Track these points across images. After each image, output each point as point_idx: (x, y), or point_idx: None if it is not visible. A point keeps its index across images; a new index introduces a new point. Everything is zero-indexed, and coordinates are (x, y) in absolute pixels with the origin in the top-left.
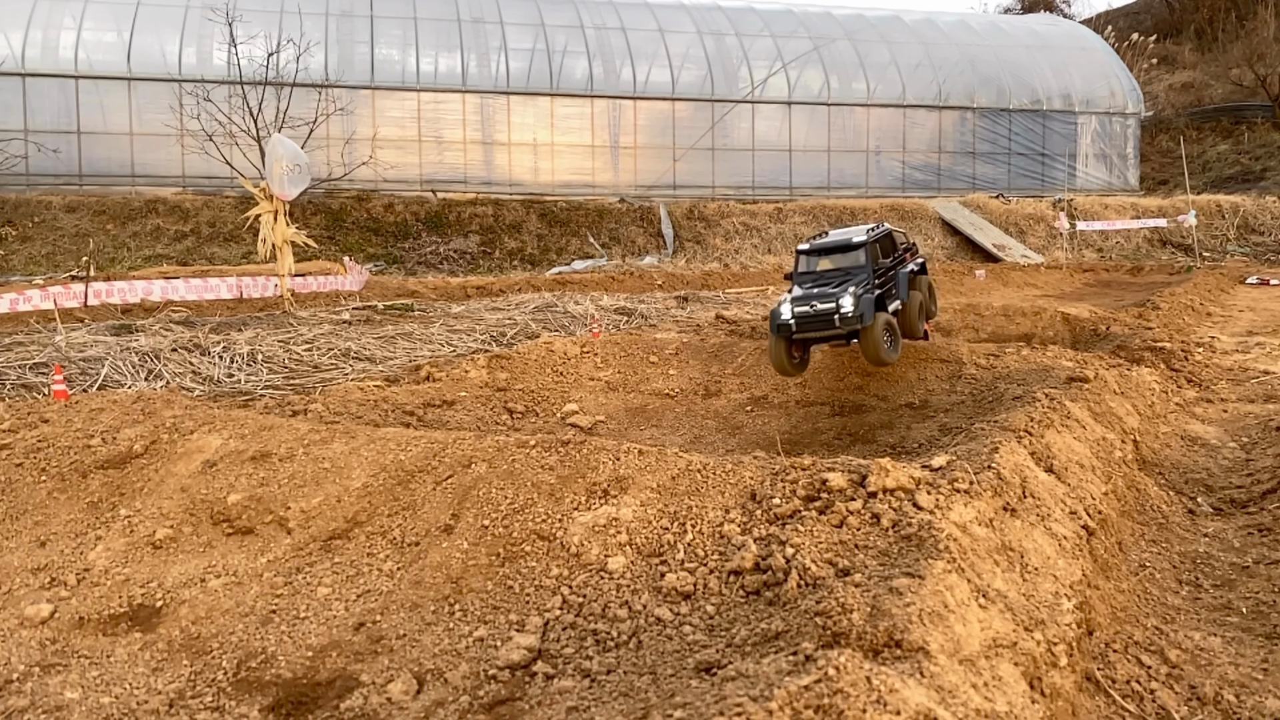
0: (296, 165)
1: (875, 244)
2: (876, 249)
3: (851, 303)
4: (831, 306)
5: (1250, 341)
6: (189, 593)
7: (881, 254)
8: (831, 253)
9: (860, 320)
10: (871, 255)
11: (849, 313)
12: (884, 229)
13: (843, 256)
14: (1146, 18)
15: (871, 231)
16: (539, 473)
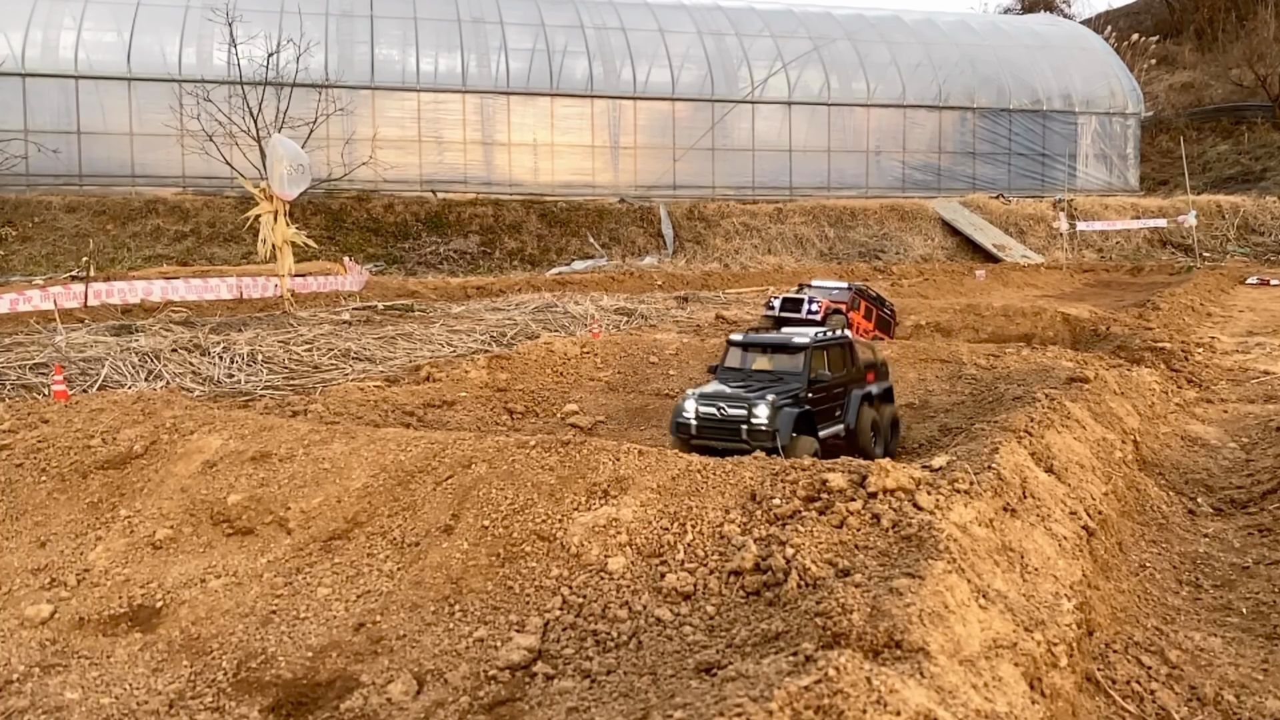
0: (297, 166)
1: (824, 350)
2: (825, 356)
3: (766, 413)
4: (742, 413)
5: (1250, 342)
6: (189, 593)
7: (831, 364)
8: (768, 350)
9: (773, 439)
10: (814, 362)
11: (761, 424)
12: (840, 336)
13: (781, 358)
14: (1146, 18)
15: (825, 332)
16: (539, 473)
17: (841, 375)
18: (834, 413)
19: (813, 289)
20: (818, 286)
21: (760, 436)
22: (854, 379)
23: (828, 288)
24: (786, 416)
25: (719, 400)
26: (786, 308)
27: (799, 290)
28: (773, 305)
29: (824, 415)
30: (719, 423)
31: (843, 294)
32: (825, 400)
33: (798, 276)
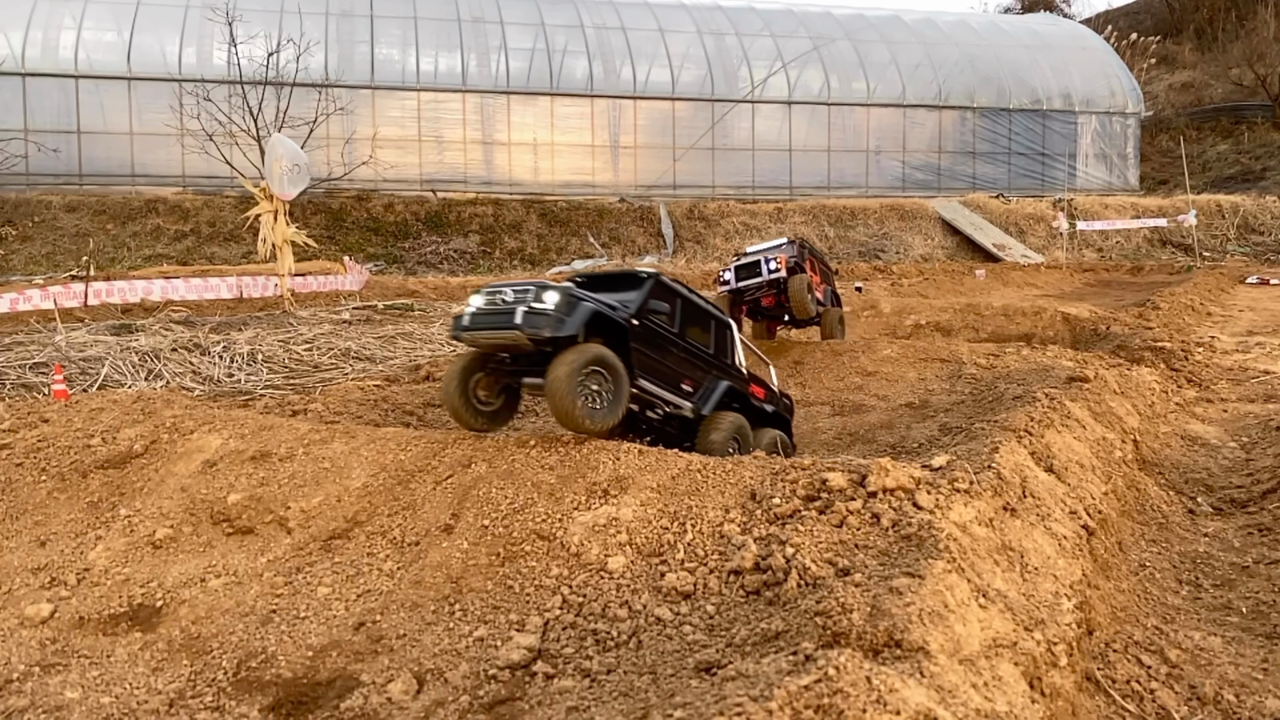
0: (295, 165)
1: (678, 298)
2: (680, 305)
3: (556, 298)
4: (526, 296)
5: (1250, 341)
6: (189, 593)
7: (686, 317)
8: (612, 285)
9: (555, 325)
10: (659, 296)
11: (544, 308)
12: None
13: (622, 293)
14: (1146, 17)
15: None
16: (539, 472)
17: (704, 348)
18: (676, 380)
19: (750, 254)
20: (754, 251)
21: (539, 321)
22: (725, 368)
23: (767, 248)
24: (582, 311)
25: (504, 288)
26: (744, 275)
27: (738, 258)
28: (726, 279)
29: (654, 369)
30: (494, 312)
31: (789, 249)
32: (665, 353)
33: None
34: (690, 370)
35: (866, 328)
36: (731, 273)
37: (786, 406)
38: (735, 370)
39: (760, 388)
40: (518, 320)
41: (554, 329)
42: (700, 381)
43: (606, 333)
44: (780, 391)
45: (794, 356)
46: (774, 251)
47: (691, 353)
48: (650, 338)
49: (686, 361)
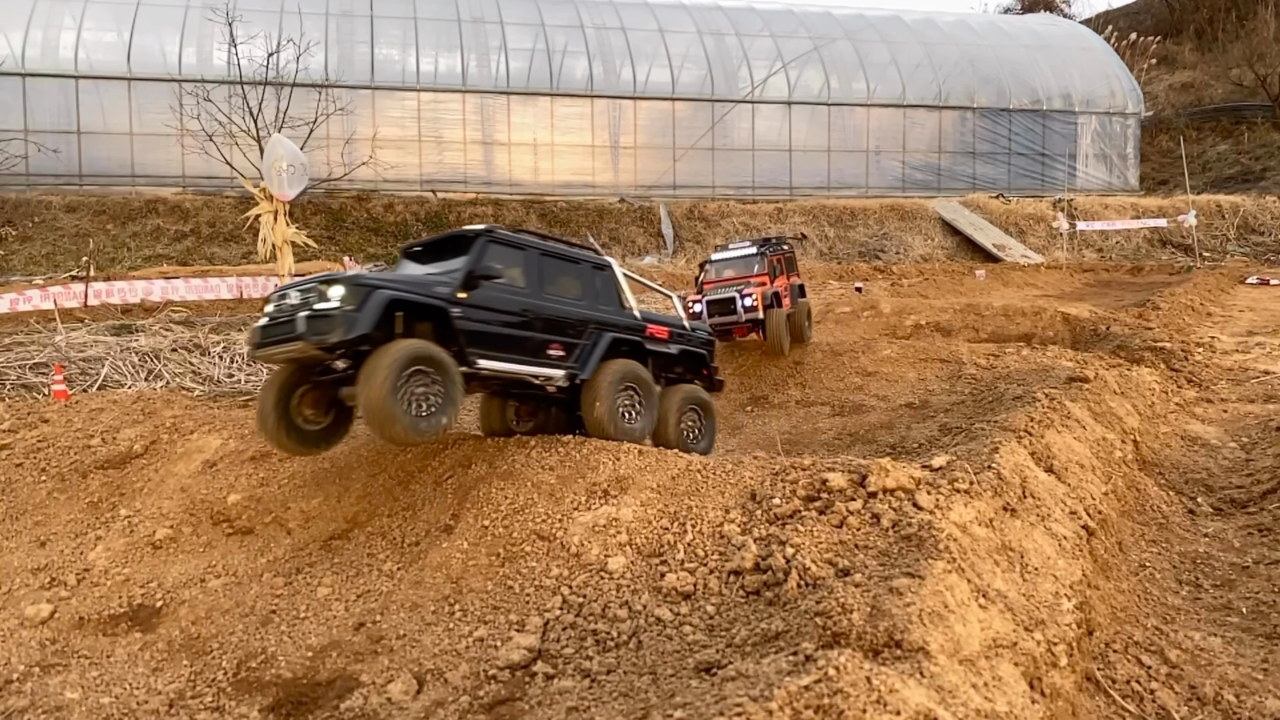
0: (291, 165)
1: (521, 249)
2: (526, 258)
3: (342, 292)
4: (309, 298)
5: (1250, 341)
6: (189, 593)
7: (538, 273)
8: (438, 252)
9: (346, 327)
10: (491, 259)
11: (328, 309)
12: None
13: (448, 260)
14: (1146, 18)
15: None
16: (539, 473)
17: (573, 300)
18: (538, 348)
19: (715, 263)
20: (721, 260)
21: (324, 326)
22: (605, 318)
23: (733, 258)
24: (375, 302)
25: (291, 289)
26: (717, 310)
27: (703, 269)
28: (698, 312)
29: (503, 343)
30: (280, 322)
31: (755, 263)
32: (516, 320)
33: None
34: (557, 331)
35: (866, 328)
36: (703, 306)
37: (703, 340)
38: (621, 316)
39: (662, 327)
40: (300, 329)
41: (343, 331)
42: (573, 341)
43: (423, 318)
44: (691, 326)
45: (794, 357)
46: (746, 262)
47: (556, 311)
48: (489, 308)
49: (550, 323)
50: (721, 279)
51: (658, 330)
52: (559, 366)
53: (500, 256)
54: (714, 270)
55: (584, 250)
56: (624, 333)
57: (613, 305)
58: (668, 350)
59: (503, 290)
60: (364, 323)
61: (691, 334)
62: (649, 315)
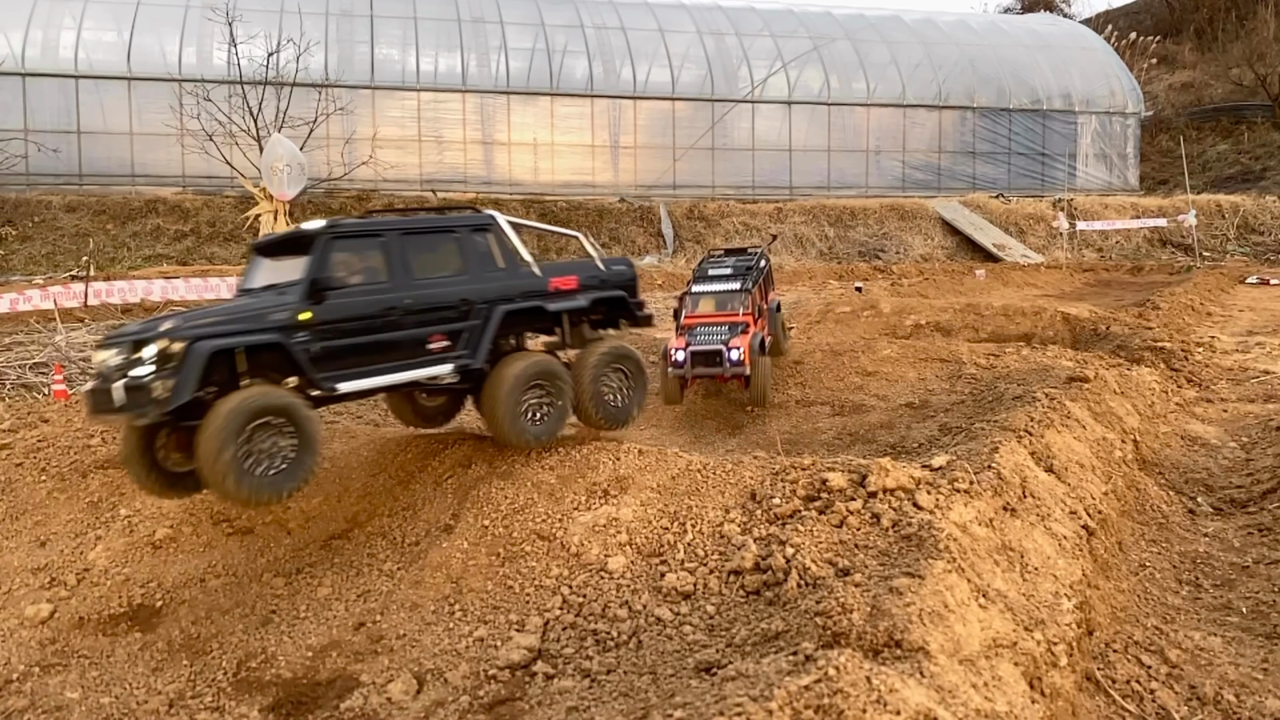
0: (289, 165)
1: (373, 237)
2: (381, 247)
3: (154, 356)
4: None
5: (1250, 341)
6: (189, 593)
7: (399, 260)
8: (282, 251)
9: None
10: (337, 259)
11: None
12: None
13: (291, 259)
14: (1146, 17)
15: None
16: (539, 472)
17: (450, 279)
18: (413, 348)
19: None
20: (702, 293)
21: (140, 400)
22: (494, 289)
23: (716, 292)
24: (195, 359)
25: (112, 345)
26: (702, 362)
27: (682, 302)
28: (679, 360)
29: (366, 355)
30: (101, 390)
31: (739, 301)
32: (380, 323)
33: (797, 276)
34: (435, 320)
35: (866, 328)
36: (685, 355)
37: (623, 278)
38: (516, 278)
39: (568, 277)
40: (118, 402)
41: (163, 403)
42: (458, 326)
43: (261, 352)
44: (608, 262)
45: (793, 356)
46: (729, 298)
47: (430, 297)
48: (343, 319)
49: (425, 313)
50: (703, 315)
51: (564, 282)
52: (444, 360)
53: (350, 254)
54: (692, 303)
55: (460, 213)
56: (522, 298)
57: (504, 269)
58: (579, 304)
59: (358, 293)
60: (185, 388)
61: (608, 273)
62: (553, 266)
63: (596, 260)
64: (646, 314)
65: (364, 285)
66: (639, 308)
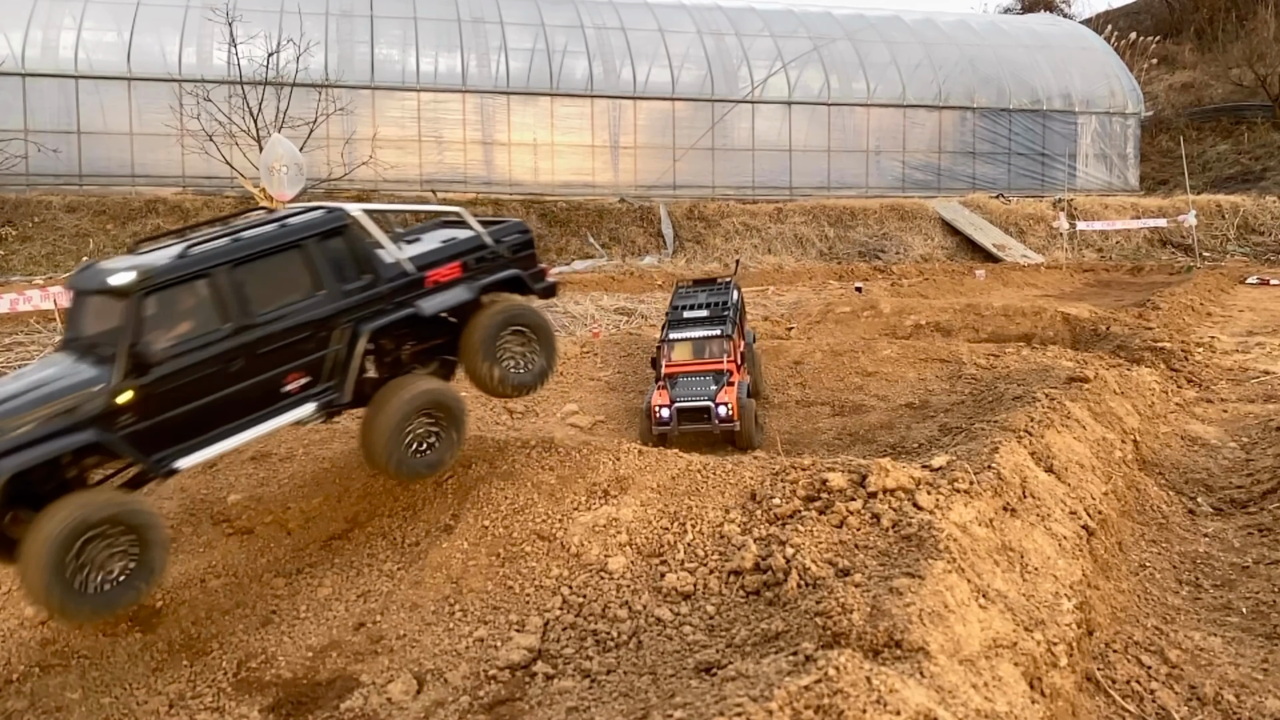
0: (287, 166)
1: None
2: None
3: None
4: None
5: (1250, 341)
6: (189, 593)
7: (258, 281)
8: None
9: None
10: (166, 304)
11: None
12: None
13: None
14: (1146, 18)
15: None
16: (539, 473)
17: (302, 304)
18: (268, 392)
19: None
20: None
21: None
22: (356, 302)
23: (696, 338)
24: None
25: None
26: (688, 419)
27: (660, 350)
28: (664, 418)
29: (212, 414)
30: None
31: (720, 347)
32: (224, 375)
33: (797, 276)
34: (288, 357)
35: (866, 328)
36: (670, 411)
37: (515, 248)
38: (385, 281)
39: (450, 265)
40: None
41: None
42: (318, 356)
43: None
44: (496, 231)
45: (794, 356)
46: (710, 344)
47: (279, 330)
48: (173, 386)
49: (273, 354)
50: (684, 364)
51: (444, 274)
52: (305, 400)
53: (171, 306)
54: (671, 351)
55: (304, 218)
56: (393, 305)
57: (368, 273)
58: (463, 298)
59: (188, 349)
60: None
61: (497, 246)
62: (430, 256)
63: (482, 234)
64: (548, 284)
65: (194, 337)
66: (538, 278)
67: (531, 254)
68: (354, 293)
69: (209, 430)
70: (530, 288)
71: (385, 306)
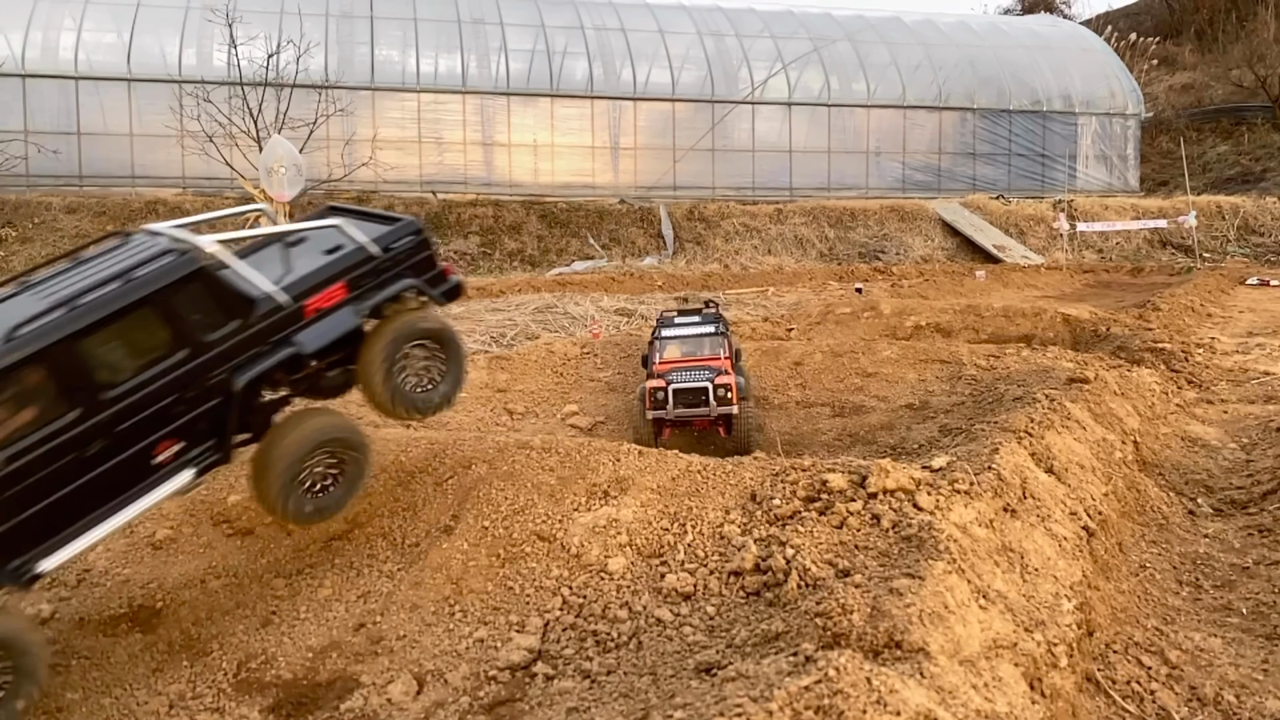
0: (283, 168)
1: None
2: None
3: None
4: None
5: (1250, 342)
6: (189, 593)
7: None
8: None
9: None
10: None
11: None
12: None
13: None
14: (1146, 19)
15: None
16: (539, 474)
17: (165, 362)
18: (139, 465)
19: (664, 340)
20: (672, 338)
21: None
22: (233, 347)
23: (687, 335)
24: None
25: None
26: (685, 402)
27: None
28: (661, 399)
29: (76, 507)
30: None
31: (716, 344)
32: (71, 470)
33: (797, 277)
34: (154, 428)
35: (867, 329)
36: (669, 396)
37: (409, 251)
38: (255, 322)
39: (334, 286)
40: None
41: None
42: (189, 419)
43: None
44: (383, 237)
45: (794, 357)
46: (703, 342)
47: (139, 402)
48: (19, 486)
49: (135, 428)
50: (674, 360)
51: (325, 299)
52: (182, 467)
53: (13, 401)
54: (664, 349)
55: (153, 269)
56: (270, 345)
57: (238, 311)
58: (349, 325)
59: (32, 442)
60: None
61: (384, 256)
62: (306, 281)
63: (365, 245)
64: (451, 285)
65: (35, 429)
66: (438, 281)
67: (429, 255)
68: (221, 341)
69: (72, 524)
70: (430, 294)
71: (261, 349)
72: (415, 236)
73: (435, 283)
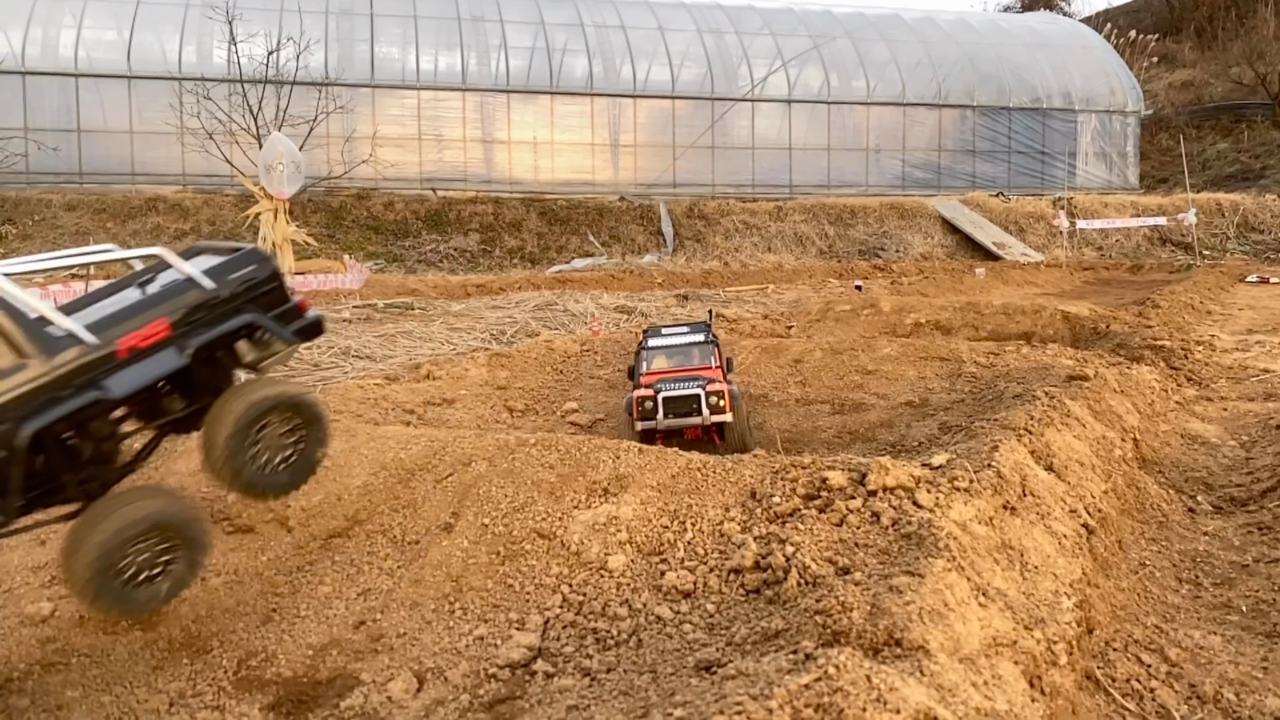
0: (282, 165)
1: None
2: None
3: None
4: None
5: (1250, 340)
6: (189, 591)
7: None
8: None
9: None
10: None
11: None
12: None
13: None
14: (1146, 16)
15: None
16: (539, 471)
17: None
18: None
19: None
20: (660, 347)
21: None
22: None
23: (676, 345)
24: None
25: None
26: (675, 410)
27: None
28: (650, 408)
29: None
30: None
31: (706, 353)
32: None
33: (797, 275)
34: None
35: (866, 326)
36: (658, 405)
37: (252, 284)
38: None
39: (150, 324)
40: None
41: None
42: None
43: None
44: (216, 270)
45: (793, 354)
46: (692, 351)
47: None
48: None
49: None
50: (663, 370)
51: (144, 337)
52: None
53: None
54: (651, 359)
55: None
56: (71, 390)
57: (26, 352)
58: (170, 365)
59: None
60: None
61: (217, 289)
62: (119, 317)
63: (194, 276)
64: (306, 322)
65: None
66: (289, 318)
67: (276, 288)
68: (4, 389)
69: None
70: (278, 332)
71: (57, 394)
72: (258, 267)
73: (286, 319)
